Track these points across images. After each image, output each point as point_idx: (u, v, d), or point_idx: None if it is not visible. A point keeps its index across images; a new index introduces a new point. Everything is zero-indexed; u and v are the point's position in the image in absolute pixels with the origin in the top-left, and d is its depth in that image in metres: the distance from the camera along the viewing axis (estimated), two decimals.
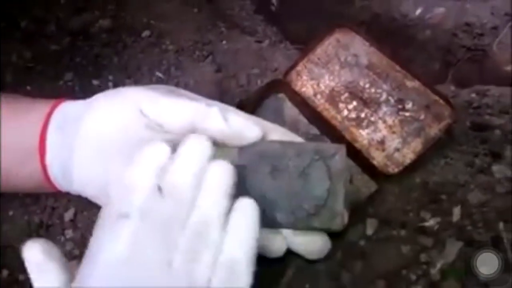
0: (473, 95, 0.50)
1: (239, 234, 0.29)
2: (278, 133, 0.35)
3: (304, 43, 0.73)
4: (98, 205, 0.37)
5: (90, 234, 0.38)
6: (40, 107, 0.36)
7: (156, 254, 0.27)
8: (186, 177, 0.29)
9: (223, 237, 0.28)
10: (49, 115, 0.35)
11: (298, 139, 0.36)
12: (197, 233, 0.28)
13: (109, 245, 0.27)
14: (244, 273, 0.28)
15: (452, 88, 0.54)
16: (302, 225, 0.33)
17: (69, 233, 0.42)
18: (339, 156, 0.33)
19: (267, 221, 0.31)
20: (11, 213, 0.42)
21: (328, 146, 0.34)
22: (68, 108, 0.36)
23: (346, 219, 0.34)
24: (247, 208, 0.29)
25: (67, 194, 0.37)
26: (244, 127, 0.33)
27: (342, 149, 0.33)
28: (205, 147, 0.30)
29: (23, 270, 0.37)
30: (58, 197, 0.43)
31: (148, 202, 0.28)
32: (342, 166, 0.33)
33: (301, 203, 0.32)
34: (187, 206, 0.28)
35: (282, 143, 0.34)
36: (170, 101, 0.33)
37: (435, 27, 0.77)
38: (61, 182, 0.35)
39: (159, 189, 0.29)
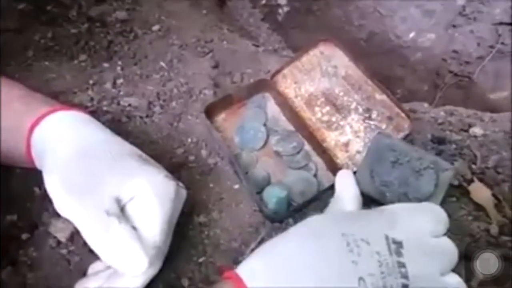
0: (442, 113, 0.52)
1: None
2: None
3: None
4: None
5: None
6: (37, 107, 0.39)
7: None
8: None
9: None
10: (42, 117, 0.38)
11: None
12: None
13: None
14: None
15: (425, 105, 0.56)
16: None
17: None
18: (449, 172, 0.39)
19: (377, 194, 0.40)
20: (18, 170, 0.44)
21: (445, 162, 0.40)
22: (58, 120, 0.38)
23: None
24: None
25: None
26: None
27: (453, 169, 0.40)
28: None
29: (30, 214, 0.42)
30: None
31: None
32: (448, 180, 0.39)
33: (408, 193, 0.39)
34: None
35: (412, 146, 0.42)
36: None
37: (426, 50, 0.81)
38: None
39: None
